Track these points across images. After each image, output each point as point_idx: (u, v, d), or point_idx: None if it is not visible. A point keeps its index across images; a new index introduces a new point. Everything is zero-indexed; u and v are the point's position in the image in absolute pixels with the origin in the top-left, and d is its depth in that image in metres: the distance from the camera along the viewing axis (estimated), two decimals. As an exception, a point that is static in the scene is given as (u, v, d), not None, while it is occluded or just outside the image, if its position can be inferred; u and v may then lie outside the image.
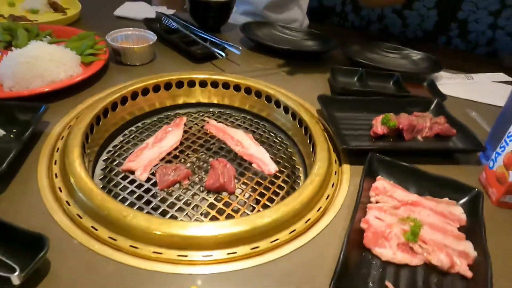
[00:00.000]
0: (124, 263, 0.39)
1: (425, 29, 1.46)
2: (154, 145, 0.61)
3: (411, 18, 1.46)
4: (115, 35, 0.77)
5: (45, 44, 0.64)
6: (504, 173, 0.50)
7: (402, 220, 0.45)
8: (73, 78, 0.64)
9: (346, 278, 0.37)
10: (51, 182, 0.48)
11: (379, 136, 0.62)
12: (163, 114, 0.70)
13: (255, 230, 0.42)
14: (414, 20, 1.45)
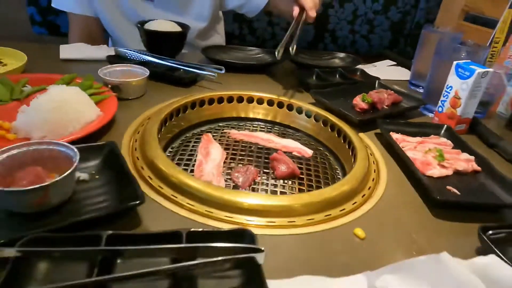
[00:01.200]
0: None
1: (307, 40, 1.78)
2: (206, 160, 0.66)
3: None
4: (105, 71, 0.75)
5: (62, 86, 0.60)
6: (453, 111, 0.77)
7: (426, 152, 0.66)
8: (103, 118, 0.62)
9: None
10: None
11: (363, 110, 0.82)
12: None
13: (328, 201, 0.51)
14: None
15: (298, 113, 0.81)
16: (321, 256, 0.44)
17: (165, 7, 1.12)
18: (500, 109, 0.94)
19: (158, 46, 0.95)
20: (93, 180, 0.50)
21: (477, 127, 0.81)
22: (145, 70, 0.80)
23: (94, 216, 0.41)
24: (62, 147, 0.47)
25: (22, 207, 0.41)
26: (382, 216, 0.52)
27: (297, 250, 0.44)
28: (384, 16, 1.71)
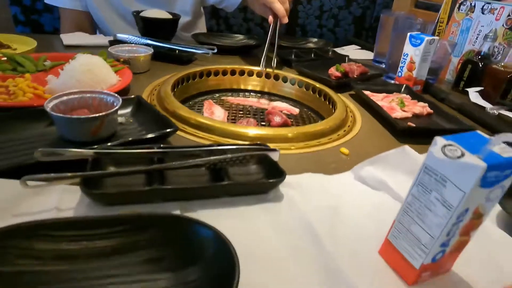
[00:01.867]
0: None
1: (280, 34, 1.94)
2: (212, 117, 0.77)
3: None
4: (116, 49, 0.86)
5: (88, 55, 0.70)
6: (410, 74, 0.94)
7: (390, 101, 0.81)
8: (123, 82, 0.72)
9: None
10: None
11: (338, 78, 0.97)
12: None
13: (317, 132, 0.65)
14: (271, 29, 1.90)
15: (283, 82, 0.95)
16: (316, 166, 0.57)
17: (152, 3, 1.23)
18: (448, 76, 1.13)
19: (155, 32, 1.06)
20: (129, 124, 0.60)
21: (430, 88, 0.98)
22: (149, 49, 0.91)
23: (142, 137, 0.52)
24: (104, 95, 0.58)
25: (81, 134, 0.52)
26: (360, 142, 0.66)
27: (297, 163, 0.57)
28: (347, 11, 1.90)
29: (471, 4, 1.07)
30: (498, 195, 0.32)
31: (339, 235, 0.41)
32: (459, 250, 0.37)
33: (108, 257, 0.34)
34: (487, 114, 0.82)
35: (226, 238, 0.33)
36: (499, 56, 0.98)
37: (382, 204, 0.47)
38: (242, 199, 0.46)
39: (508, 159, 0.29)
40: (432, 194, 0.32)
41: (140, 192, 0.41)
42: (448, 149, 0.30)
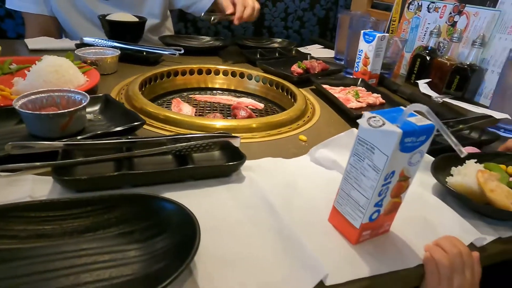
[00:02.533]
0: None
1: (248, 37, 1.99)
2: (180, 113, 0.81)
3: (237, 31, 1.96)
4: (83, 51, 0.87)
5: (55, 56, 0.72)
6: (365, 68, 1.02)
7: (346, 93, 0.88)
8: (91, 82, 0.75)
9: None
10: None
11: (300, 74, 1.03)
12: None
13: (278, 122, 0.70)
14: (239, 31, 1.95)
15: (248, 79, 1.00)
16: (277, 151, 0.62)
17: (120, 6, 1.25)
18: (402, 70, 1.22)
19: (121, 35, 1.08)
20: (97, 120, 0.63)
21: (384, 81, 1.06)
22: (116, 50, 0.93)
23: (110, 130, 0.55)
24: (71, 93, 0.60)
25: (50, 130, 0.54)
26: (318, 130, 0.72)
27: (259, 150, 0.62)
28: (311, 13, 1.98)
29: (419, 4, 1.16)
30: (418, 159, 0.38)
31: (294, 207, 0.46)
32: (393, 212, 0.42)
33: (82, 234, 0.37)
34: (433, 102, 0.90)
35: (188, 209, 0.37)
36: (444, 50, 1.07)
37: (333, 181, 0.52)
38: (206, 182, 0.50)
39: (421, 127, 0.35)
40: (365, 161, 0.38)
41: (109, 178, 0.44)
42: (372, 120, 0.35)
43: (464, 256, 0.40)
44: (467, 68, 0.95)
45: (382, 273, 0.38)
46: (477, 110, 0.81)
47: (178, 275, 0.31)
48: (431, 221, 0.47)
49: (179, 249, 0.35)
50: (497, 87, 0.81)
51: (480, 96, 0.98)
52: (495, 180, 0.48)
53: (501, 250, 0.44)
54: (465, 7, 1.02)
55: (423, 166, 0.57)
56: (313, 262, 0.37)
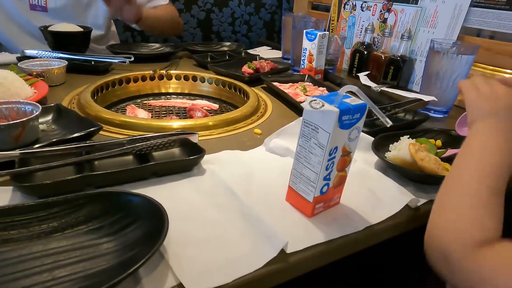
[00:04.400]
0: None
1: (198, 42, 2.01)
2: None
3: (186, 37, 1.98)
4: (27, 64, 0.85)
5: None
6: (310, 65, 1.09)
7: (295, 89, 0.94)
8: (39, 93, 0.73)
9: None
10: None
11: (250, 74, 1.08)
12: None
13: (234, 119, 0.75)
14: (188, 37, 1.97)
15: (201, 82, 1.03)
16: (234, 145, 0.65)
17: (60, 16, 1.22)
18: (344, 65, 1.32)
19: (66, 46, 1.06)
20: (51, 130, 0.63)
21: (329, 76, 1.14)
22: (62, 61, 0.91)
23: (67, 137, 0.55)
24: (21, 104, 0.59)
25: (3, 142, 0.53)
26: (271, 123, 0.77)
27: (217, 145, 0.65)
28: (257, 17, 2.05)
29: (353, 4, 1.26)
30: (356, 135, 0.43)
31: (253, 192, 0.50)
32: (341, 184, 0.48)
33: (50, 235, 0.38)
34: (372, 91, 0.99)
35: (154, 199, 0.40)
36: (378, 44, 1.18)
37: (288, 166, 0.56)
38: (169, 177, 0.52)
39: (355, 106, 0.41)
40: (311, 140, 0.43)
41: (72, 181, 0.45)
42: (313, 103, 0.40)
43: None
44: (399, 60, 1.06)
45: (335, 238, 0.43)
46: (409, 95, 0.90)
47: (150, 257, 0.33)
48: (374, 190, 0.53)
49: (149, 236, 0.37)
50: (423, 74, 0.91)
51: (412, 84, 1.10)
52: (424, 151, 0.56)
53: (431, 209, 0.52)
54: (392, 5, 1.13)
55: (365, 147, 0.63)
56: (274, 234, 0.41)
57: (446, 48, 0.84)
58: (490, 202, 0.38)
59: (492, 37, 1.04)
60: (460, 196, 0.39)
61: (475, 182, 0.39)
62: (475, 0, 0.95)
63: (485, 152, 0.42)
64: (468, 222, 0.37)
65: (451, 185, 0.41)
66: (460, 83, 0.53)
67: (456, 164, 0.44)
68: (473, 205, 0.38)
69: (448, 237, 0.37)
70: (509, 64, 0.92)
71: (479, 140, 0.44)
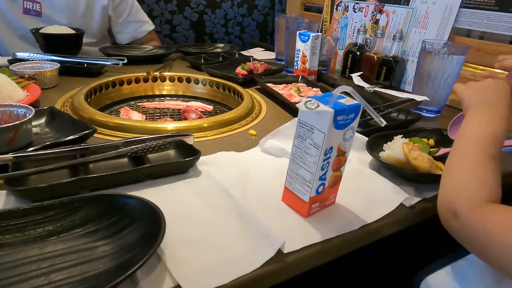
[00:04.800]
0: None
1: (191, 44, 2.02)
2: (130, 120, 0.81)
3: (179, 39, 1.98)
4: (19, 66, 0.84)
5: (-10, 73, 0.69)
6: (304, 66, 1.09)
7: (289, 90, 0.94)
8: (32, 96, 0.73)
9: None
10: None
11: (244, 75, 1.08)
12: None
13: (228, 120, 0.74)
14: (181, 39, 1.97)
15: (195, 83, 1.03)
16: (229, 146, 0.65)
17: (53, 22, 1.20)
18: (337, 66, 1.33)
19: (58, 48, 1.05)
20: (44, 133, 0.62)
21: (322, 77, 1.15)
22: (54, 64, 0.91)
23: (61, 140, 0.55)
24: (14, 107, 0.59)
25: (-4, 145, 0.52)
26: (266, 124, 0.77)
27: (212, 147, 0.65)
28: (250, 18, 2.05)
29: (345, 5, 1.27)
30: (351, 135, 0.44)
31: (249, 192, 0.50)
32: (336, 184, 0.48)
33: (46, 239, 0.38)
34: (366, 91, 1.00)
35: (150, 202, 0.40)
36: (371, 45, 1.19)
37: (283, 166, 0.56)
38: (165, 179, 0.52)
39: (350, 106, 0.41)
40: (307, 141, 0.43)
41: (67, 184, 0.44)
42: (308, 104, 0.41)
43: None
44: (391, 60, 1.07)
45: (331, 237, 0.44)
46: (402, 95, 0.91)
47: (147, 259, 0.33)
48: (369, 189, 0.54)
49: (146, 238, 0.37)
50: (415, 75, 0.92)
51: (405, 84, 1.11)
52: (417, 150, 0.56)
53: (426, 207, 0.52)
54: (384, 6, 1.15)
55: (359, 146, 0.64)
56: (271, 234, 0.41)
57: (437, 49, 0.85)
58: (486, 164, 0.43)
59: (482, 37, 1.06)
60: (461, 163, 0.45)
61: (471, 151, 0.45)
62: (465, 1, 0.96)
63: (478, 128, 0.48)
64: (470, 180, 0.42)
65: (453, 158, 0.47)
66: (455, 85, 0.59)
67: (455, 143, 0.49)
68: (473, 167, 0.43)
69: (455, 196, 0.41)
70: (498, 64, 0.94)
71: (473, 121, 0.50)
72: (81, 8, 1.24)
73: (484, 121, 0.48)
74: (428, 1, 1.02)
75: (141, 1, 1.64)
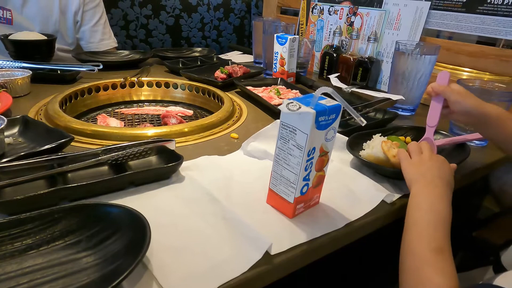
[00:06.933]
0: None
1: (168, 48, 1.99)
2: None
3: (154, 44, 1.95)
4: (-12, 75, 0.81)
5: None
6: (282, 68, 1.10)
7: (269, 92, 0.95)
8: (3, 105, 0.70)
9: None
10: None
11: (223, 79, 1.08)
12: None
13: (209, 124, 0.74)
14: (157, 44, 1.94)
15: (174, 88, 1.02)
16: (211, 150, 0.65)
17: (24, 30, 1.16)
18: (315, 68, 1.35)
19: (29, 55, 1.02)
20: (18, 143, 0.60)
21: (301, 78, 1.16)
22: (26, 71, 0.87)
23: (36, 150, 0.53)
24: (-16, 117, 0.56)
25: (-34, 158, 0.50)
26: (248, 127, 0.77)
27: (194, 151, 0.65)
28: (227, 22, 2.05)
29: (320, 8, 1.30)
30: (333, 135, 0.45)
31: (234, 195, 0.50)
32: (320, 184, 0.49)
33: (25, 253, 0.36)
34: (344, 92, 1.02)
35: (134, 209, 0.39)
36: (347, 46, 1.22)
37: (266, 168, 0.57)
38: (147, 186, 0.51)
39: (331, 107, 0.42)
40: (289, 142, 0.43)
41: (43, 195, 0.43)
42: (290, 105, 0.41)
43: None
44: (367, 61, 1.10)
45: (317, 237, 0.44)
46: (378, 95, 0.94)
47: (133, 268, 0.32)
48: (351, 188, 0.55)
49: (131, 247, 0.36)
50: (390, 75, 0.95)
51: (381, 84, 1.14)
52: (396, 148, 0.58)
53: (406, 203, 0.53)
54: (358, 8, 1.17)
55: (340, 146, 0.65)
56: (257, 236, 0.41)
57: (410, 49, 0.88)
58: (433, 259, 0.41)
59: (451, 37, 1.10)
60: (407, 256, 0.43)
61: (416, 244, 0.43)
62: (434, 3, 1.00)
63: (421, 213, 0.46)
64: (415, 282, 0.40)
65: (402, 244, 0.45)
66: (398, 153, 0.56)
67: (405, 225, 0.47)
68: (418, 266, 0.41)
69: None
70: (467, 63, 0.98)
71: (415, 202, 0.49)
72: (54, 16, 1.21)
73: (427, 205, 0.47)
74: (399, 3, 1.06)
75: (115, 6, 1.61)
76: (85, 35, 1.31)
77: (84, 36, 1.32)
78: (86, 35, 1.31)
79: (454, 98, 0.59)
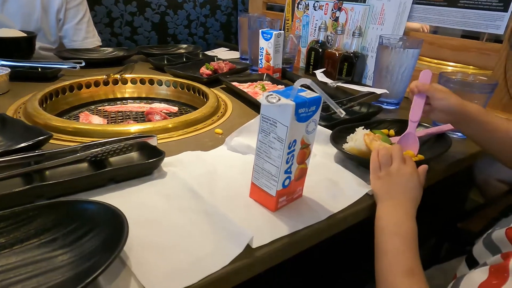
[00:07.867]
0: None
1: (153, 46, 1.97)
2: (90, 125, 0.78)
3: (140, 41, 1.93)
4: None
5: None
6: (268, 64, 1.10)
7: (254, 87, 0.94)
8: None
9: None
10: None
11: (209, 75, 1.07)
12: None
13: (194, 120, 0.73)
14: (143, 41, 1.92)
15: (159, 85, 1.00)
16: (195, 146, 0.64)
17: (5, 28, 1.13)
18: (301, 64, 1.35)
19: (8, 52, 0.99)
20: (-6, 141, 0.58)
21: (287, 74, 1.16)
22: (4, 68, 0.85)
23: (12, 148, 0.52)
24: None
25: None
26: (232, 122, 0.77)
27: (178, 147, 0.64)
28: (214, 19, 2.04)
29: (306, 3, 1.30)
30: (313, 127, 0.44)
31: (216, 190, 0.50)
32: (302, 177, 0.49)
33: (-4, 253, 0.35)
34: (329, 87, 1.02)
35: (111, 205, 0.38)
36: (332, 42, 1.22)
37: (250, 163, 0.56)
38: (129, 183, 0.50)
39: (310, 99, 0.42)
40: (270, 135, 0.43)
41: (18, 193, 0.42)
42: (269, 98, 0.41)
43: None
44: (352, 56, 1.10)
45: (299, 229, 0.44)
46: (363, 89, 0.94)
47: (109, 264, 0.32)
48: (334, 181, 0.55)
49: (108, 244, 0.35)
50: (375, 69, 0.96)
51: (366, 78, 1.14)
52: (378, 140, 0.58)
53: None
54: (343, 3, 1.18)
55: (324, 139, 0.65)
56: (239, 230, 0.41)
57: (393, 43, 0.88)
58: (405, 284, 0.41)
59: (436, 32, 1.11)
60: (381, 285, 0.44)
61: (387, 273, 0.44)
62: (417, -3, 1.01)
63: (388, 238, 0.46)
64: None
65: (375, 272, 0.45)
66: (371, 162, 0.55)
67: (375, 252, 0.47)
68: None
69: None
70: (450, 56, 0.99)
71: (381, 226, 0.48)
72: (36, 13, 1.18)
73: (394, 224, 0.48)
74: (383, -2, 1.06)
75: (99, 3, 1.58)
76: (68, 33, 1.29)
77: (67, 34, 1.29)
78: (69, 33, 1.29)
79: (438, 96, 0.60)
